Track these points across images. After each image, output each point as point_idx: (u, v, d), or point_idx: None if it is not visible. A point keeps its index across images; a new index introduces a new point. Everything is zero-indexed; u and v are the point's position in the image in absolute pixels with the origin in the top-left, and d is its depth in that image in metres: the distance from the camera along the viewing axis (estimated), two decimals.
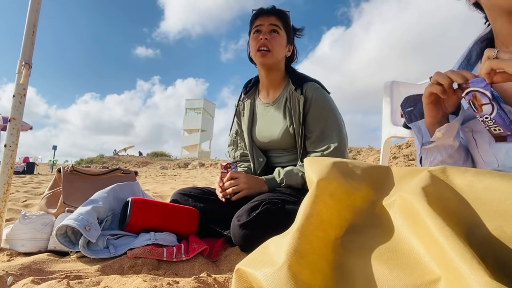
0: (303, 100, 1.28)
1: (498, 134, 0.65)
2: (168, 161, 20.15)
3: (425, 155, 0.79)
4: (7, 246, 1.06)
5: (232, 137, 1.59)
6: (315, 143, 1.27)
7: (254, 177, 1.29)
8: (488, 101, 0.60)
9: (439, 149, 0.76)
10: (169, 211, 1.16)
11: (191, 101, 34.15)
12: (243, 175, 1.27)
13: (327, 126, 1.27)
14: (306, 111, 1.29)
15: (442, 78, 0.65)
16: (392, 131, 2.15)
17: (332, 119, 1.28)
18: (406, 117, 0.78)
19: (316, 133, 1.27)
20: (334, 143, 1.24)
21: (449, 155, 0.76)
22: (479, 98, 0.61)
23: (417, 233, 0.41)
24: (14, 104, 1.07)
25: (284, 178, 1.25)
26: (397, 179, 0.53)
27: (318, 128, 1.27)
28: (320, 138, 1.27)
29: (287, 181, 1.24)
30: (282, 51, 1.34)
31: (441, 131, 0.72)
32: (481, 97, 0.60)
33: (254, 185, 1.26)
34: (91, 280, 0.78)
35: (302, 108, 1.28)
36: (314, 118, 1.28)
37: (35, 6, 1.12)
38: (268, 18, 1.32)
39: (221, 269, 0.97)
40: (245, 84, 1.53)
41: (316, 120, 1.28)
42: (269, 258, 0.43)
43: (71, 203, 1.32)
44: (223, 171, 1.31)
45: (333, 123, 1.28)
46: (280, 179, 1.26)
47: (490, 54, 0.58)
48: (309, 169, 0.55)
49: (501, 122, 0.61)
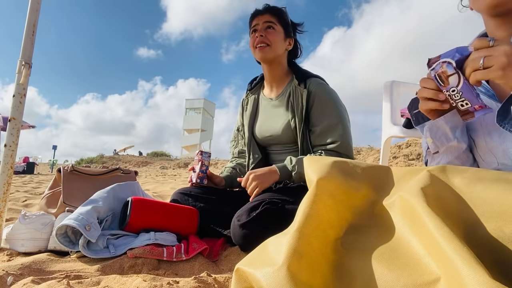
0: (306, 94, 1.30)
1: (466, 110, 0.62)
2: (168, 161, 20.15)
3: (430, 158, 0.79)
4: (7, 246, 1.06)
5: (234, 133, 1.62)
6: (319, 137, 1.28)
7: (261, 169, 1.26)
8: (454, 71, 0.59)
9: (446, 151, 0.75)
10: (169, 211, 1.16)
11: (191, 101, 34.14)
12: (250, 173, 1.25)
13: (332, 120, 1.27)
14: (310, 105, 1.31)
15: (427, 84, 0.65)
16: (392, 131, 2.15)
17: (336, 114, 1.29)
18: (413, 119, 0.78)
19: (320, 127, 1.28)
20: (339, 137, 1.25)
21: (456, 156, 0.76)
22: (446, 69, 0.59)
23: (417, 233, 0.41)
24: (14, 104, 1.07)
25: (296, 165, 1.23)
26: (397, 179, 0.53)
27: (322, 122, 1.28)
28: (324, 132, 1.27)
29: (299, 168, 1.22)
30: (280, 45, 1.36)
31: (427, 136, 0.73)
32: (448, 67, 0.59)
33: (265, 178, 1.23)
34: (91, 280, 0.78)
35: (306, 102, 1.30)
36: (318, 112, 1.29)
37: (35, 6, 1.12)
38: (263, 16, 1.36)
39: (221, 269, 0.97)
40: (251, 81, 1.56)
41: (320, 114, 1.29)
42: (269, 258, 0.43)
43: (71, 203, 1.32)
44: (196, 158, 1.40)
45: (337, 117, 1.28)
46: (292, 166, 1.24)
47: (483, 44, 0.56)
48: (309, 168, 0.55)
49: (468, 94, 0.59)
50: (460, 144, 0.74)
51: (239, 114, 1.60)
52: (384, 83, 2.29)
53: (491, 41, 0.55)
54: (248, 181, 1.22)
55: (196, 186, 1.38)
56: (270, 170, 1.24)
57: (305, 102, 1.30)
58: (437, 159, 0.77)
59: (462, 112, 0.64)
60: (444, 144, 0.74)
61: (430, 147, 0.76)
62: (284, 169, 1.25)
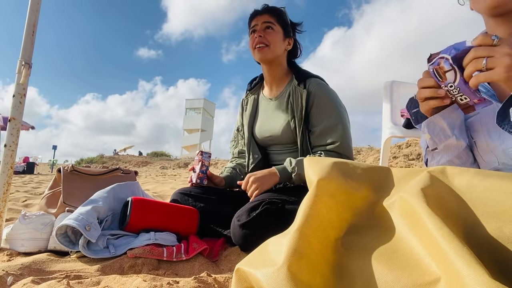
0: (305, 94, 1.30)
1: (466, 104, 0.62)
2: (168, 161, 20.15)
3: (430, 156, 0.79)
4: (7, 246, 1.06)
5: (234, 133, 1.62)
6: (319, 137, 1.28)
7: (261, 172, 1.26)
8: (450, 67, 0.58)
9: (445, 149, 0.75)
10: (169, 211, 1.16)
11: (191, 101, 34.13)
12: (250, 175, 1.24)
13: (331, 120, 1.27)
14: (309, 105, 1.31)
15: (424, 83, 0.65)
16: (392, 131, 2.15)
17: (336, 114, 1.29)
18: (412, 118, 0.77)
19: (320, 127, 1.28)
20: (339, 138, 1.25)
21: (456, 155, 0.75)
22: (443, 65, 0.59)
23: (417, 234, 0.41)
24: (14, 104, 1.07)
25: (296, 166, 1.23)
26: (397, 180, 0.53)
27: (322, 122, 1.28)
28: (324, 132, 1.27)
29: (298, 169, 1.22)
30: (279, 45, 1.36)
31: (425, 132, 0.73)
32: (445, 63, 0.59)
33: (265, 180, 1.22)
34: (91, 280, 0.78)
35: (305, 102, 1.30)
36: (317, 112, 1.29)
37: (35, 6, 1.12)
38: (261, 16, 1.36)
39: (221, 269, 0.97)
40: (250, 81, 1.56)
41: (320, 114, 1.29)
42: (269, 258, 0.43)
43: (71, 203, 1.32)
44: (196, 158, 1.41)
45: (337, 117, 1.28)
46: (291, 167, 1.24)
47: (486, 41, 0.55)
48: (309, 169, 0.55)
49: (466, 89, 0.59)
50: (459, 141, 0.74)
51: (239, 114, 1.60)
52: (384, 83, 2.29)
53: (495, 39, 0.54)
54: (248, 184, 1.22)
55: (196, 186, 1.38)
56: (270, 173, 1.24)
57: (305, 103, 1.30)
58: (437, 157, 0.77)
59: (462, 105, 0.63)
60: (443, 140, 0.74)
61: (429, 143, 0.76)
62: (284, 171, 1.25)
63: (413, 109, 0.77)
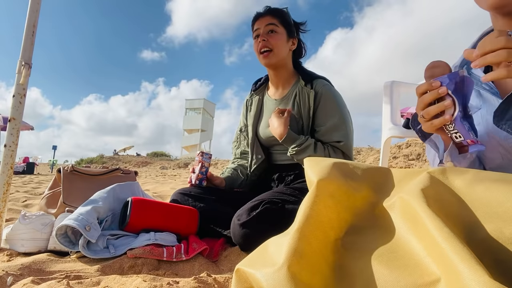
0: (313, 95, 1.32)
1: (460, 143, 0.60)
2: (168, 161, 20.15)
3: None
4: (7, 246, 1.06)
5: (236, 134, 1.62)
6: (324, 135, 1.30)
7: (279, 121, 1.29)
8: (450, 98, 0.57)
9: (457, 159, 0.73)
10: (169, 211, 1.16)
11: (191, 101, 34.10)
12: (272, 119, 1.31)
13: (337, 120, 1.29)
14: (316, 105, 1.32)
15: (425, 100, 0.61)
16: (392, 131, 2.15)
17: (341, 115, 1.31)
18: (419, 135, 0.76)
19: (326, 126, 1.30)
20: (343, 137, 1.27)
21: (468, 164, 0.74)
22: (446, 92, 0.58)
23: (417, 234, 0.41)
24: (14, 104, 1.07)
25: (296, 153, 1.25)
26: (397, 180, 0.53)
27: (328, 121, 1.30)
28: (329, 131, 1.29)
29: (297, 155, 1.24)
30: (284, 47, 1.36)
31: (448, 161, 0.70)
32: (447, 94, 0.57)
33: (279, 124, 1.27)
34: (91, 280, 0.78)
35: (313, 102, 1.31)
36: (323, 112, 1.31)
37: (35, 7, 1.12)
38: (264, 18, 1.36)
39: (221, 269, 0.97)
40: (255, 82, 1.56)
41: (326, 114, 1.31)
42: (269, 258, 0.43)
43: (71, 203, 1.32)
44: (196, 159, 1.41)
45: (341, 118, 1.30)
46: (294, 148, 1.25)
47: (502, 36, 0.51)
48: (309, 169, 0.55)
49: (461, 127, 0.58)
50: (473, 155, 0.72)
51: (242, 114, 1.60)
52: (384, 83, 2.29)
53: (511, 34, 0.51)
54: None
55: (196, 186, 1.38)
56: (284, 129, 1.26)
57: (312, 103, 1.31)
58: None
59: (457, 144, 0.62)
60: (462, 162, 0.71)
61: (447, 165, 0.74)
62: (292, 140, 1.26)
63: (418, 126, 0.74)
